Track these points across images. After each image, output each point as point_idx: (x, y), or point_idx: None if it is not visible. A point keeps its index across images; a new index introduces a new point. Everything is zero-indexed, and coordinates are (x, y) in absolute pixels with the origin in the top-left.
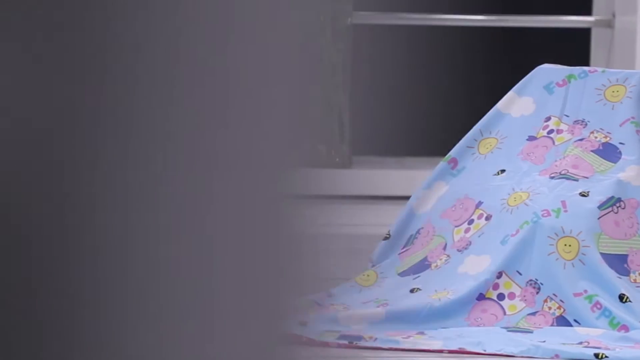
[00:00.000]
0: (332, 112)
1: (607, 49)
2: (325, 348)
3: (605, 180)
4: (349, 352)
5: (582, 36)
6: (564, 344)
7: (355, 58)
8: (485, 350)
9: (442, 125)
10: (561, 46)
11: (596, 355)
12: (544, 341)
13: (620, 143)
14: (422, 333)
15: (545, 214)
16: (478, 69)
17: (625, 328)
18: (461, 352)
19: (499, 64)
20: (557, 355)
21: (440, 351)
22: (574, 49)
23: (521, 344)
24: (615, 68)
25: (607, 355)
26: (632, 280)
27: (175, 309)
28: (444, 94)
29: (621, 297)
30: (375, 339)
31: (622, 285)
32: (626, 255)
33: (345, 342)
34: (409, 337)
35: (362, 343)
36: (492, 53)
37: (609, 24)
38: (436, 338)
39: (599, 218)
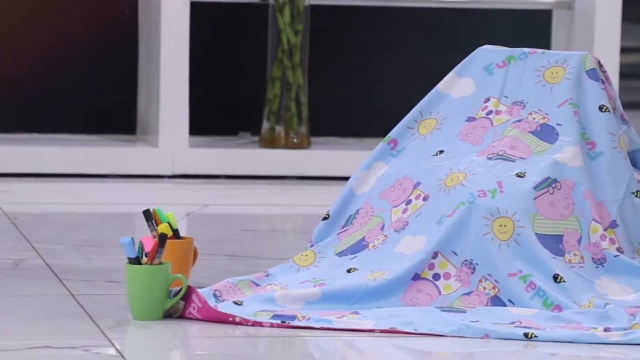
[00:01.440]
0: (290, 92)
1: (567, 30)
2: (258, 328)
3: (541, 161)
4: (282, 331)
5: (544, 17)
6: (495, 323)
7: (313, 39)
8: (416, 330)
9: (401, 106)
10: (522, 27)
11: (526, 334)
12: (477, 321)
13: (558, 124)
14: (356, 313)
15: (481, 195)
16: (439, 50)
17: (558, 308)
18: (392, 331)
19: (461, 45)
20: (487, 335)
21: (372, 331)
22: (535, 31)
23: (452, 324)
24: (575, 49)
25: (536, 334)
26: (567, 261)
27: None
28: (403, 75)
29: (555, 278)
30: (309, 318)
31: (556, 265)
32: (561, 236)
33: (278, 321)
34: (342, 316)
35: (295, 323)
36: (453, 34)
37: (568, 6)
38: (369, 318)
39: (534, 199)
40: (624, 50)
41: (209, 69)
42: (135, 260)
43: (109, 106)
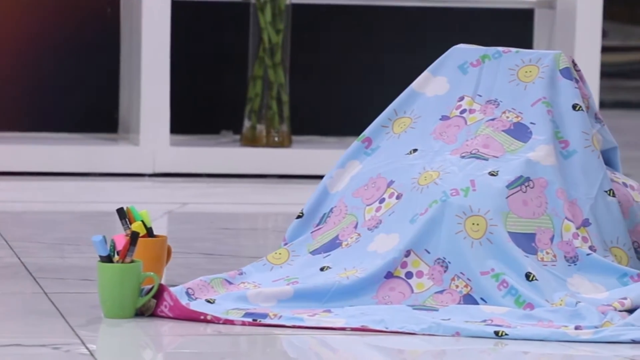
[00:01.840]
0: (272, 91)
1: (549, 30)
2: (229, 326)
3: (514, 160)
4: (255, 329)
5: (526, 17)
6: (467, 321)
7: (294, 38)
8: (387, 328)
9: (382, 105)
10: (505, 27)
11: (496, 332)
12: (449, 319)
13: (531, 123)
14: (328, 311)
15: (454, 193)
16: (420, 49)
17: (530, 306)
18: (363, 329)
19: (442, 45)
20: (457, 333)
21: (343, 329)
22: (517, 30)
23: (423, 322)
24: (557, 48)
25: (507, 333)
26: (539, 259)
27: None
28: (384, 74)
29: (527, 276)
30: (280, 316)
31: (529, 264)
32: (534, 234)
33: (250, 319)
34: (314, 314)
35: (266, 321)
36: (437, 33)
37: (550, 5)
38: (341, 316)
39: (507, 197)
40: (611, 50)
41: (191, 67)
42: (107, 259)
43: (91, 105)
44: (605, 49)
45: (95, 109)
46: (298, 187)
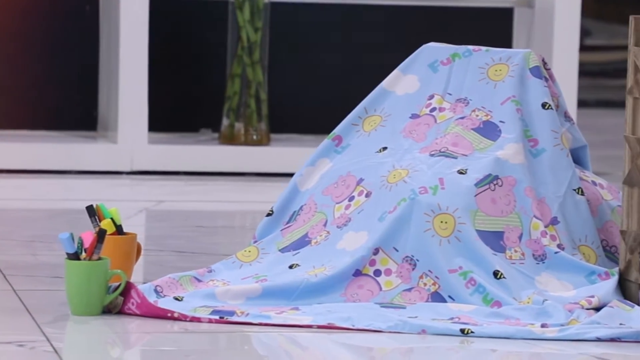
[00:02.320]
0: (250, 89)
1: (528, 29)
2: (196, 323)
3: (483, 158)
4: (224, 327)
5: (505, 16)
6: (434, 319)
7: (273, 36)
8: (354, 326)
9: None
10: (484, 26)
11: (462, 330)
12: (416, 317)
13: (501, 121)
14: (296, 309)
15: (423, 191)
16: (399, 48)
17: (498, 304)
18: (330, 327)
19: (423, 44)
20: (424, 331)
21: (310, 326)
22: (497, 29)
23: (389, 320)
24: (536, 47)
25: (473, 330)
26: (508, 257)
27: None
28: (363, 73)
29: (496, 274)
30: (248, 314)
31: (497, 262)
32: (502, 232)
33: (217, 317)
34: (282, 312)
35: (233, 318)
36: (416, 32)
37: (529, 4)
38: (308, 314)
39: (475, 195)
40: (595, 49)
41: (170, 65)
42: (74, 256)
43: (70, 102)
44: (589, 48)
45: (75, 106)
46: (276, 185)
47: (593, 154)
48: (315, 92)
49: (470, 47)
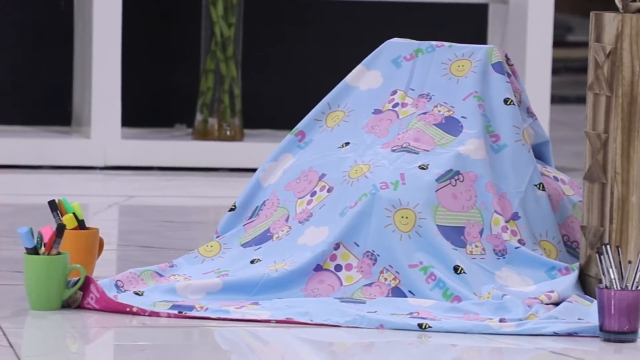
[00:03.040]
0: (224, 85)
1: (502, 25)
2: (155, 318)
3: (445, 154)
4: (179, 321)
5: (480, 12)
6: (392, 314)
7: (247, 31)
8: (312, 320)
9: None
10: (459, 22)
11: (420, 325)
12: (375, 312)
13: (463, 117)
14: (256, 303)
15: (384, 187)
16: (375, 44)
17: (458, 299)
18: (288, 322)
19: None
20: (381, 325)
21: (268, 321)
22: (472, 25)
23: (347, 314)
24: (510, 43)
25: (430, 325)
26: (468, 252)
27: None
28: (338, 68)
29: (456, 269)
30: (207, 309)
31: (457, 257)
32: (463, 228)
33: (176, 312)
34: (242, 307)
35: (192, 313)
36: (392, 28)
37: (503, 0)
38: (267, 308)
39: (436, 191)
40: (576, 45)
41: (145, 61)
42: (33, 251)
43: (45, 98)
44: (571, 44)
45: (50, 102)
46: (249, 181)
47: (570, 150)
48: (289, 88)
49: (434, 42)
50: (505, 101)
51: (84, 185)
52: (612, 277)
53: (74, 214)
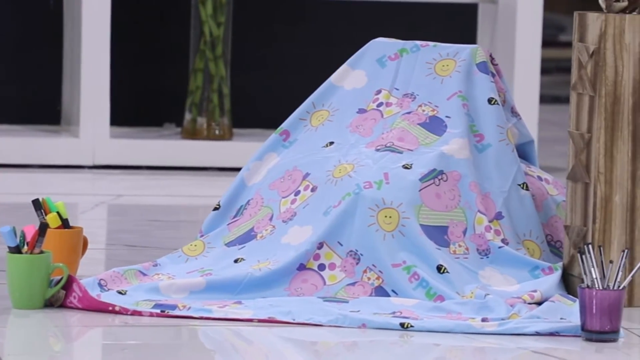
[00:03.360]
0: (213, 84)
1: (492, 25)
2: (137, 317)
3: (429, 153)
4: (161, 320)
5: (470, 12)
6: (375, 313)
7: (236, 31)
8: (294, 320)
9: None
10: (449, 22)
11: (402, 324)
12: (358, 311)
13: (447, 116)
14: (239, 303)
15: (367, 186)
16: (363, 44)
17: (441, 298)
18: (271, 321)
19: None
20: (363, 325)
21: (250, 320)
22: (462, 25)
23: (330, 314)
24: (499, 43)
25: (412, 324)
26: (452, 252)
27: None
28: (328, 67)
29: (439, 268)
30: (189, 308)
31: (440, 256)
32: (446, 227)
33: (158, 310)
34: (225, 306)
35: (175, 312)
36: (382, 27)
37: (492, 0)
38: (249, 307)
39: (420, 190)
40: (568, 45)
41: (135, 60)
42: (16, 249)
43: (35, 97)
44: (563, 44)
45: (39, 101)
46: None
47: (562, 150)
48: (278, 87)
49: (418, 42)
50: (490, 101)
51: (72, 184)
52: (594, 276)
53: (57, 212)
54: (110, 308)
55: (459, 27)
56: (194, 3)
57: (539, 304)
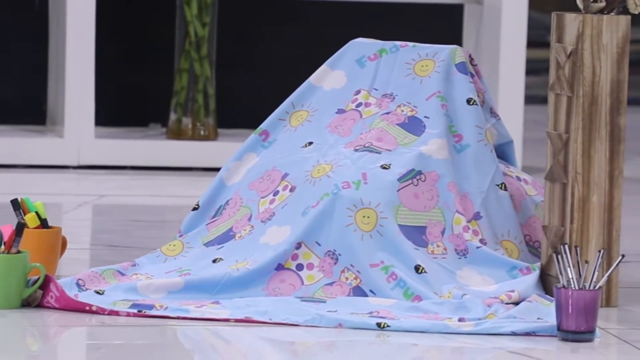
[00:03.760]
0: (198, 84)
1: (477, 25)
2: (114, 317)
3: (407, 153)
4: (139, 320)
5: (456, 12)
6: (352, 313)
7: (221, 31)
8: (271, 319)
9: None
10: (435, 22)
11: (378, 324)
12: (336, 311)
13: (426, 117)
14: (217, 302)
15: (346, 186)
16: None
17: (418, 298)
18: (247, 321)
19: (375, 39)
20: (340, 325)
21: (227, 320)
22: (447, 25)
23: (306, 313)
24: (484, 44)
25: (389, 324)
26: (430, 252)
27: None
28: (312, 68)
29: (417, 268)
30: (166, 308)
31: (418, 256)
32: (424, 227)
33: (135, 310)
34: (202, 306)
35: (152, 312)
36: (368, 28)
37: (478, 0)
38: (227, 307)
39: (398, 190)
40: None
41: (120, 60)
42: None
43: (21, 97)
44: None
45: (25, 101)
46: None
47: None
48: (263, 88)
49: (398, 42)
50: (468, 101)
51: (56, 185)
52: (570, 276)
53: (36, 212)
54: (87, 308)
55: (444, 27)
56: (179, 3)
57: (517, 304)
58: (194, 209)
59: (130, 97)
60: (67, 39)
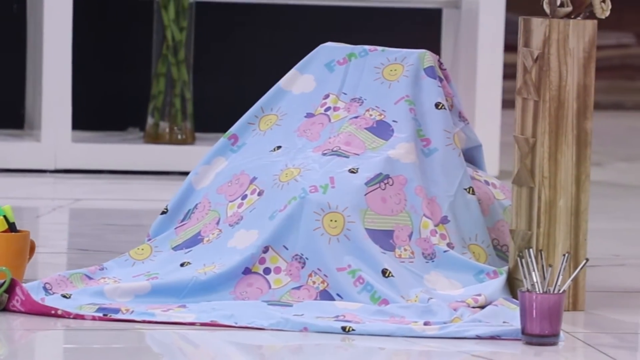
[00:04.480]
0: (175, 88)
1: (455, 29)
2: (80, 320)
3: (375, 157)
4: (104, 324)
5: (435, 17)
6: (318, 317)
7: (198, 35)
8: (236, 323)
9: None
10: (414, 26)
11: (343, 328)
12: (302, 314)
13: (394, 121)
14: (183, 306)
15: (313, 190)
16: None
17: (385, 302)
18: (213, 324)
19: (352, 44)
20: (305, 328)
21: (193, 324)
22: (425, 30)
23: (272, 317)
24: (462, 48)
25: (354, 328)
26: (397, 256)
27: None
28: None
29: (384, 272)
30: (132, 311)
31: (385, 260)
32: (392, 231)
33: (101, 314)
34: (168, 310)
35: (117, 316)
36: (347, 33)
37: (456, 5)
38: (193, 311)
39: (365, 194)
40: None
41: (97, 64)
42: None
43: None
44: None
45: (2, 105)
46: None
47: None
48: (240, 92)
49: (367, 47)
50: (437, 105)
51: (33, 188)
52: (534, 280)
53: (4, 216)
54: (53, 312)
55: (423, 31)
56: (156, 8)
57: (483, 307)
58: (163, 212)
59: (108, 101)
60: (44, 43)
